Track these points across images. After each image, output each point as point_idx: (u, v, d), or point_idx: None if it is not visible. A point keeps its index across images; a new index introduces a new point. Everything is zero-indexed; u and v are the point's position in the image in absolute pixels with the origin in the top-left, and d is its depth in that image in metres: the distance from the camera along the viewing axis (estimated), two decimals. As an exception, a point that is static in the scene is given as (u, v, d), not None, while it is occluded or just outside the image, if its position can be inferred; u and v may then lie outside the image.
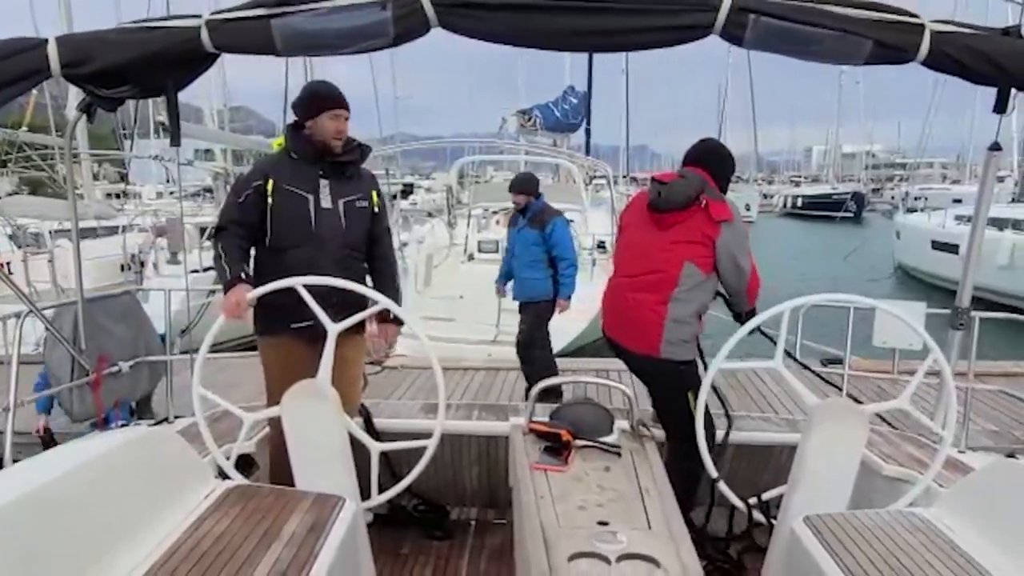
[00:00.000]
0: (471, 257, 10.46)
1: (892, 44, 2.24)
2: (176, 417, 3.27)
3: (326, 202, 2.95)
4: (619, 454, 2.49)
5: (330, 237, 2.93)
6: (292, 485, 2.51)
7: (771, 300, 2.78)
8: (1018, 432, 3.54)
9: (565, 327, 8.47)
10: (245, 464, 2.95)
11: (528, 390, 4.72)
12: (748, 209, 40.30)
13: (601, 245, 10.22)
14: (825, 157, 66.35)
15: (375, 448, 2.68)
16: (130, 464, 2.14)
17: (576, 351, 8.26)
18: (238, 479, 2.56)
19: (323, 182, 2.96)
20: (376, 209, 3.12)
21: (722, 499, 2.80)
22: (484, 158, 19.36)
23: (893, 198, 42.33)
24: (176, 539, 2.06)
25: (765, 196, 51.75)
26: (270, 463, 3.00)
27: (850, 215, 37.37)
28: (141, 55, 2.35)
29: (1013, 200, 17.49)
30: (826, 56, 2.34)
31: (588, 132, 18.10)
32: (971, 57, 2.21)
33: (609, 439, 2.53)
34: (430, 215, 14.75)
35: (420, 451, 2.63)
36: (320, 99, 2.95)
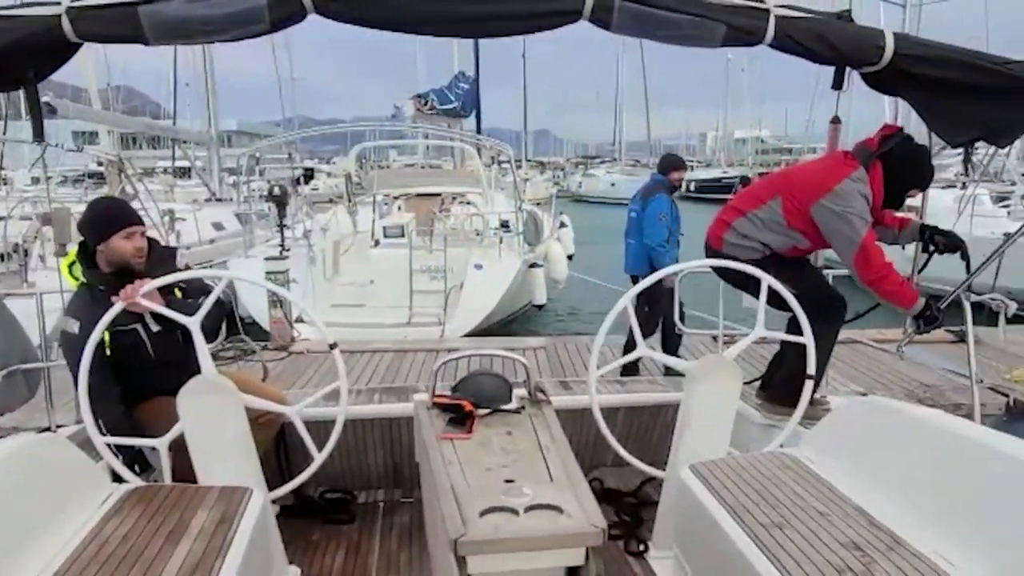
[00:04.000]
0: (377, 243, 10.44)
1: (742, 28, 2.43)
2: (59, 426, 3.13)
3: (154, 324, 2.75)
4: (519, 412, 2.62)
5: (174, 354, 2.76)
6: (195, 482, 2.48)
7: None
8: (880, 392, 3.94)
9: (476, 305, 8.63)
10: (140, 466, 2.88)
11: None
12: None
13: (505, 225, 10.43)
14: (717, 142, 69.23)
15: (293, 412, 2.66)
16: (19, 473, 2.07)
17: (484, 331, 8.39)
18: (136, 481, 2.50)
19: None
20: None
21: (618, 459, 2.97)
22: (384, 143, 19.09)
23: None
24: (78, 544, 2.02)
25: (663, 180, 53.32)
26: (172, 463, 2.94)
27: None
28: (-3, 45, 2.24)
29: None
30: (686, 40, 2.51)
31: (478, 117, 18.30)
32: (811, 40, 2.43)
33: (509, 407, 2.65)
34: (331, 201, 14.52)
35: (324, 440, 2.66)
36: (106, 221, 2.72)
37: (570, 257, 12.64)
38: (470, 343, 6.94)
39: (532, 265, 9.88)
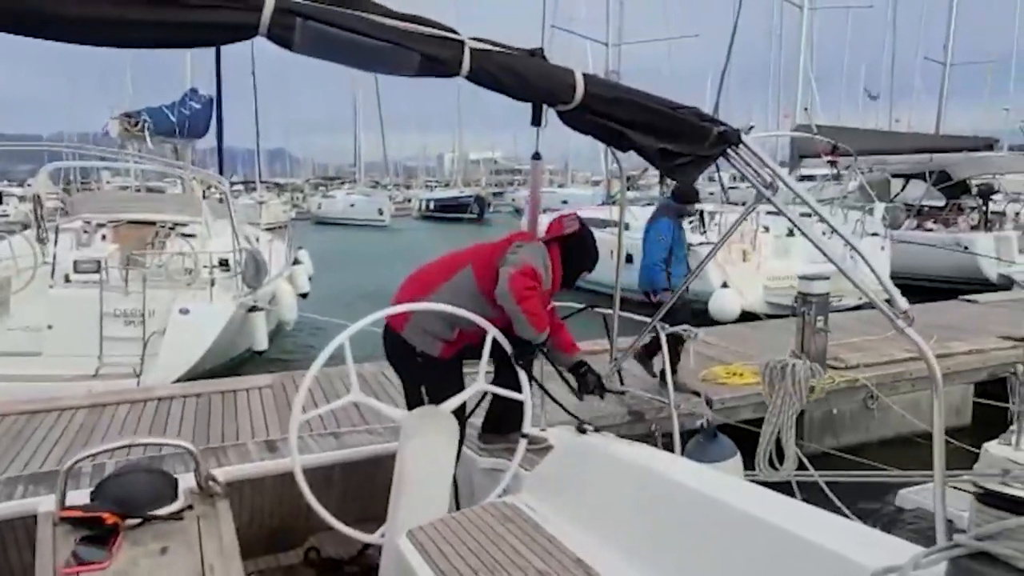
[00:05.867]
0: (66, 279, 8.82)
1: (438, 58, 2.31)
2: None
3: None
4: (182, 517, 2.15)
5: None
6: None
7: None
8: (597, 412, 4.10)
9: (179, 355, 7.71)
10: None
11: None
12: (381, 213, 41.55)
13: (224, 263, 9.31)
14: (454, 163, 71.90)
15: None
16: None
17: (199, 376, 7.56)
18: None
19: None
20: None
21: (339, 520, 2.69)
22: (84, 164, 16.81)
23: (514, 200, 47.61)
24: None
25: (404, 200, 54.02)
26: None
27: (474, 216, 41.50)
28: None
29: (603, 203, 19.99)
30: (380, 66, 2.34)
31: (220, 137, 16.71)
32: (505, 74, 2.38)
33: (171, 508, 2.17)
34: (25, 227, 12.18)
35: None
36: None
37: (304, 296, 11.90)
38: (181, 388, 6.15)
39: (252, 309, 9.05)
